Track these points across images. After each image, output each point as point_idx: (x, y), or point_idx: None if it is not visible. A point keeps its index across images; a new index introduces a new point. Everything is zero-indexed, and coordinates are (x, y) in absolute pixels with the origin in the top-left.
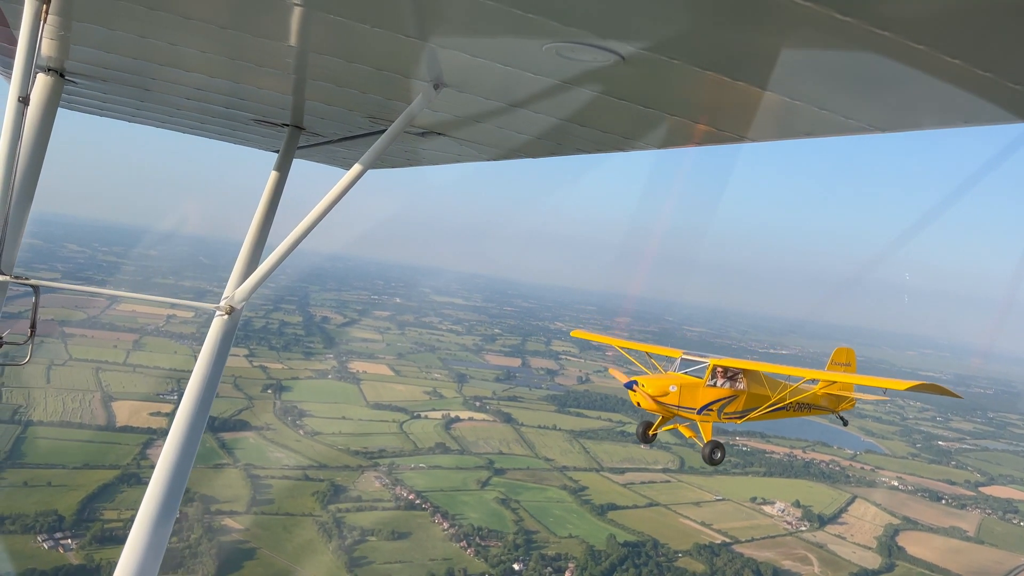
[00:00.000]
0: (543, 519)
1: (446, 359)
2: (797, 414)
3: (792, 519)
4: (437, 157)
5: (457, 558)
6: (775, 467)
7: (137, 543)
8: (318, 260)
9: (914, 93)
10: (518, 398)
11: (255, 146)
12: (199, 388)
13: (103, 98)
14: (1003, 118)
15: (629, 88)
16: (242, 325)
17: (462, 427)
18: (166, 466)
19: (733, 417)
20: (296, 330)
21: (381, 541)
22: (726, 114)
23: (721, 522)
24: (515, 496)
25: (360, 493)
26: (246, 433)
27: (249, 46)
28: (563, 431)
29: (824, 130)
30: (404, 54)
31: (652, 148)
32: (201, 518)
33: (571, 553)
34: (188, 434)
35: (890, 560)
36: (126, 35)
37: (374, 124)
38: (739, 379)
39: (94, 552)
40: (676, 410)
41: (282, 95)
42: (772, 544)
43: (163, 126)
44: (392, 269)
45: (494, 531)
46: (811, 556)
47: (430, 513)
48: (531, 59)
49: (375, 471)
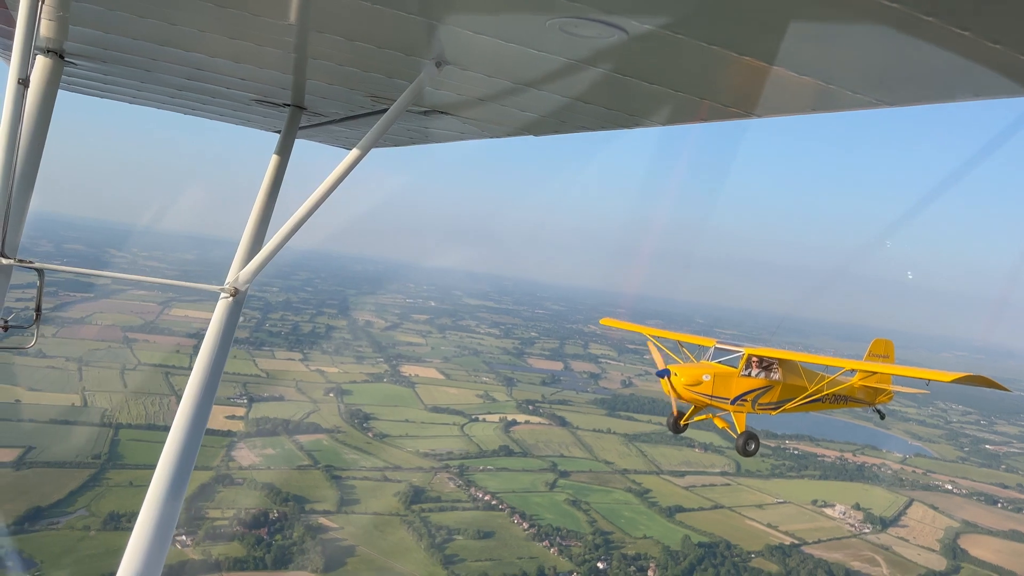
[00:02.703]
0: (615, 520)
1: (491, 363)
2: (833, 406)
3: (854, 521)
4: (440, 135)
5: (543, 557)
6: (829, 471)
7: (146, 523)
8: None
9: (923, 66)
10: (567, 401)
11: (257, 127)
12: (205, 371)
13: (104, 79)
14: (1014, 90)
15: (634, 64)
16: (292, 328)
17: (520, 430)
18: (173, 449)
19: (768, 408)
20: (343, 334)
21: (468, 540)
22: (732, 90)
23: (786, 524)
24: (584, 498)
25: (438, 494)
26: (319, 435)
27: (248, 24)
28: (617, 434)
29: (831, 105)
30: (406, 32)
31: (657, 125)
32: (299, 517)
33: (649, 553)
34: (195, 417)
35: (955, 562)
36: (124, 15)
37: (376, 103)
38: (774, 369)
39: (210, 547)
40: (709, 400)
41: (282, 74)
42: (839, 546)
43: (164, 107)
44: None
45: (572, 531)
46: (878, 558)
47: (508, 514)
48: (534, 35)
49: (447, 472)
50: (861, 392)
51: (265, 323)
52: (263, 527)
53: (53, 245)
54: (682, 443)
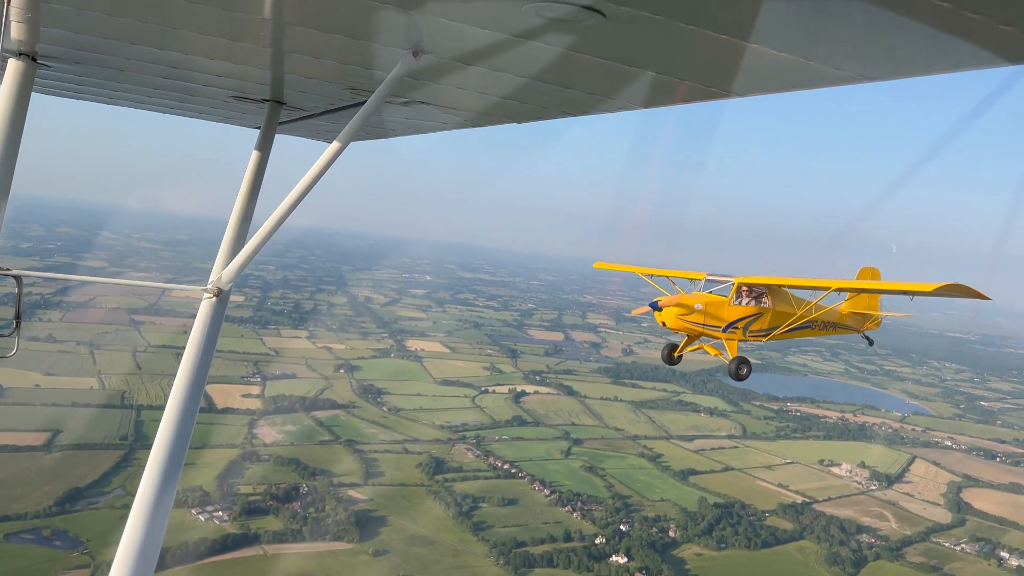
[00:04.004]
0: (631, 484)
1: (493, 335)
2: (823, 332)
3: (861, 479)
4: (422, 126)
5: (567, 521)
6: (832, 431)
7: (136, 527)
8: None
9: (903, 39)
10: (573, 371)
11: (236, 123)
12: (190, 373)
13: (78, 81)
14: (993, 62)
15: (612, 46)
16: (294, 307)
17: (530, 400)
18: (161, 449)
19: (759, 335)
20: (345, 311)
21: (493, 507)
22: (711, 69)
23: (796, 483)
24: (599, 464)
25: (459, 464)
26: (335, 411)
27: (222, 20)
28: (624, 402)
29: (811, 82)
30: (380, 22)
31: (638, 107)
32: (328, 490)
33: (668, 515)
34: (181, 420)
35: (960, 515)
36: (96, 15)
37: (356, 95)
38: (764, 297)
39: (248, 522)
40: (702, 329)
41: (259, 70)
42: (848, 503)
43: (142, 107)
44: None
45: (591, 496)
46: (886, 513)
47: (528, 481)
48: (511, 21)
49: (464, 444)
50: (850, 318)
51: (267, 302)
52: (295, 501)
53: (44, 229)
54: (688, 409)
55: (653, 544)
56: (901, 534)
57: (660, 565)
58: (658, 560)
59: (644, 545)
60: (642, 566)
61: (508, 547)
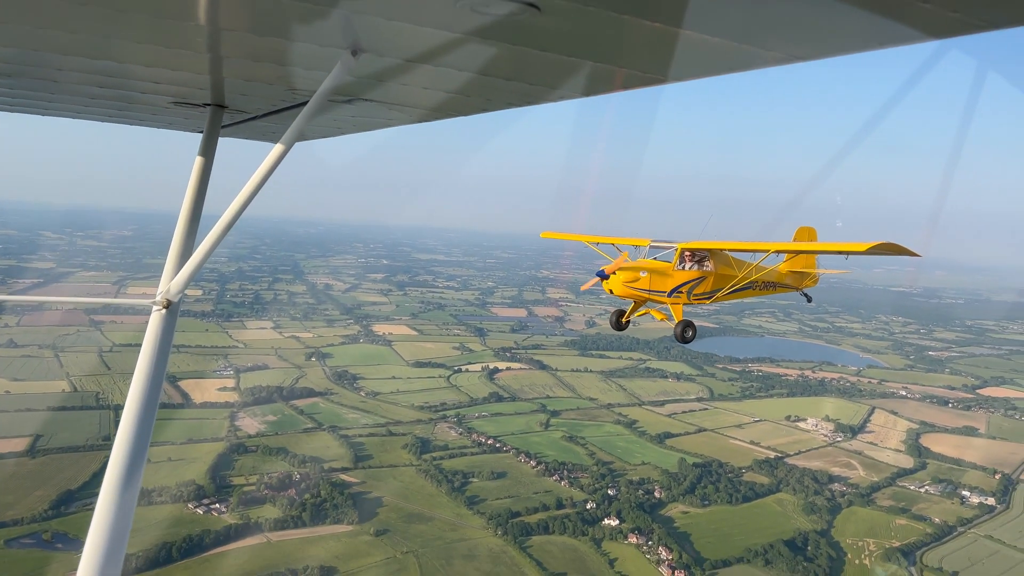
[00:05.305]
0: (612, 451)
1: (458, 315)
2: (764, 292)
3: (827, 432)
4: (366, 123)
5: (556, 490)
6: (794, 388)
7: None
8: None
9: (830, 19)
10: (540, 346)
11: (179, 128)
12: (143, 388)
13: (11, 93)
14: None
15: (548, 38)
16: (255, 297)
17: (504, 376)
18: (117, 467)
19: (702, 298)
20: (306, 299)
21: (484, 481)
22: (647, 57)
23: (767, 440)
24: (578, 433)
25: (444, 442)
26: (314, 399)
27: (154, 27)
28: (594, 372)
29: (744, 64)
30: (316, 23)
31: (579, 96)
32: (321, 476)
33: (651, 477)
34: (137, 436)
35: (921, 460)
36: (21, 27)
37: (297, 96)
38: (707, 261)
39: (247, 512)
40: (648, 295)
41: (198, 75)
42: (817, 455)
43: (79, 116)
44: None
45: (576, 464)
46: (853, 462)
47: (513, 454)
48: (446, 16)
49: (446, 422)
50: (789, 277)
51: (225, 295)
52: (290, 488)
53: None
54: (655, 375)
55: (641, 506)
56: (869, 481)
57: (651, 525)
58: (648, 520)
59: (633, 507)
60: (634, 527)
61: (504, 518)
